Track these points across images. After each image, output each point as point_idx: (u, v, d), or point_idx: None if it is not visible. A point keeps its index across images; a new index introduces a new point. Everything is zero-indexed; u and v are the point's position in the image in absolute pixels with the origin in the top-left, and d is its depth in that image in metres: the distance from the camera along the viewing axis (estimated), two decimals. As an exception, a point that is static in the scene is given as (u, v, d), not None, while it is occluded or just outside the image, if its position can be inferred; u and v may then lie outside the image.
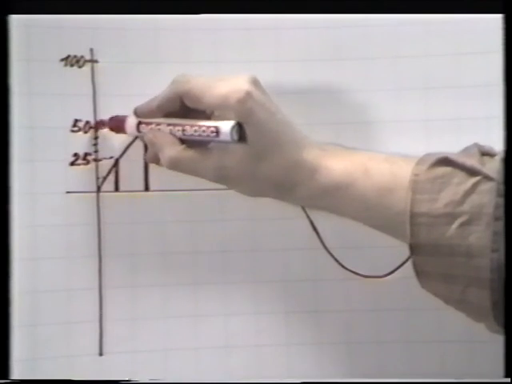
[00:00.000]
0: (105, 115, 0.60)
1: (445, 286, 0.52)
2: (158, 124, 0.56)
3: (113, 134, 0.59)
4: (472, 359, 0.62)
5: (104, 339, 0.61)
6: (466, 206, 0.49)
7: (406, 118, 0.61)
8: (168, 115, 0.56)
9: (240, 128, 0.53)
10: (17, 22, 0.58)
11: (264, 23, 0.60)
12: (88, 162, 0.60)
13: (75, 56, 0.59)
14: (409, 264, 0.61)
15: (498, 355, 0.52)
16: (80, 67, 0.59)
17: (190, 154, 0.55)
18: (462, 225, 0.49)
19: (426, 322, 0.62)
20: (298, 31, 0.61)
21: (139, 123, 0.57)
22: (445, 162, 0.52)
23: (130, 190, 0.60)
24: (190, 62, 0.60)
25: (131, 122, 0.57)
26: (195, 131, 0.54)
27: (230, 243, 0.62)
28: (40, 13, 0.58)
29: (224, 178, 0.55)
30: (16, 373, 0.59)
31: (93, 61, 0.59)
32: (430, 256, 0.51)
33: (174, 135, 0.55)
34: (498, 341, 0.57)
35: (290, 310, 0.62)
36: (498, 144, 0.56)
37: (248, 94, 0.52)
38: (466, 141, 0.59)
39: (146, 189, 0.61)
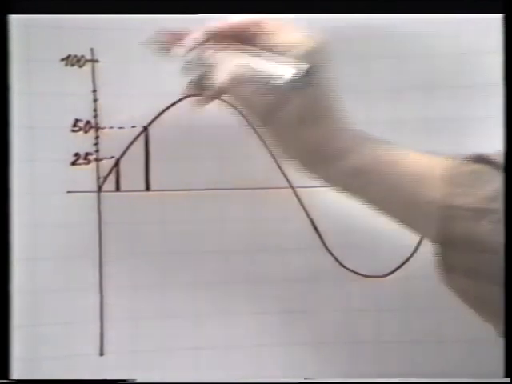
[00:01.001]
0: (105, 115, 0.60)
1: (468, 281, 0.51)
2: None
3: (113, 133, 0.60)
4: (472, 359, 0.62)
5: (104, 339, 0.61)
6: (499, 204, 0.49)
7: (405, 118, 0.61)
8: None
9: (306, 75, 0.50)
10: (17, 22, 0.58)
11: (264, 23, 0.60)
12: (89, 162, 0.60)
13: (75, 56, 0.59)
14: (409, 264, 0.61)
15: (498, 355, 0.52)
16: (80, 67, 0.59)
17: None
18: (493, 222, 0.49)
19: (426, 322, 0.62)
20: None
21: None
22: (481, 159, 0.52)
23: (131, 190, 0.60)
24: (190, 62, 0.60)
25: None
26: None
27: (230, 243, 0.62)
28: (40, 13, 0.58)
29: (271, 118, 0.53)
30: (16, 373, 0.59)
31: (93, 60, 0.59)
32: (458, 250, 0.51)
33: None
34: (498, 341, 0.57)
35: (289, 310, 0.62)
36: (497, 144, 0.57)
37: (322, 46, 0.52)
38: (466, 141, 0.60)
39: (147, 189, 0.61)
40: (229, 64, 0.52)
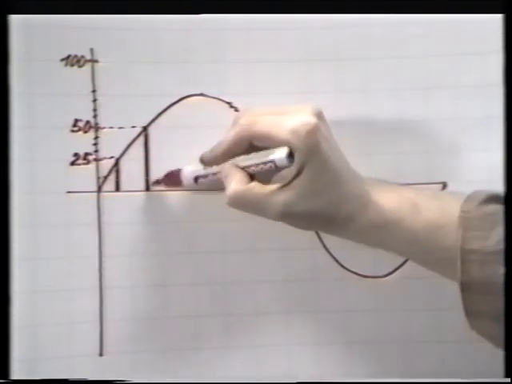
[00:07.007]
0: (105, 115, 0.60)
1: (497, 325, 0.50)
2: (215, 174, 0.57)
3: (113, 133, 0.60)
4: (472, 359, 0.62)
5: (104, 339, 0.61)
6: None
7: (406, 118, 0.61)
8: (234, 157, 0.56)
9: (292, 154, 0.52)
10: (17, 22, 0.58)
11: (265, 23, 0.60)
12: (88, 162, 0.60)
13: (75, 56, 0.59)
14: (409, 264, 0.61)
15: (498, 355, 0.52)
16: (80, 67, 0.59)
17: (255, 191, 0.54)
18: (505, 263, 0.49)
19: (426, 322, 0.62)
20: (298, 31, 0.61)
21: (196, 178, 0.58)
22: (495, 199, 0.51)
23: (131, 190, 0.60)
24: (190, 62, 0.60)
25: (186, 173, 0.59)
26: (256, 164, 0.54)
27: (230, 243, 0.62)
28: (40, 13, 0.58)
29: (286, 215, 0.54)
30: (16, 373, 0.59)
31: (93, 61, 0.59)
32: (481, 294, 0.50)
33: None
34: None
35: (289, 310, 0.62)
36: (497, 144, 0.57)
37: (316, 127, 0.51)
38: (466, 141, 0.60)
39: (147, 189, 0.61)
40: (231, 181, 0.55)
